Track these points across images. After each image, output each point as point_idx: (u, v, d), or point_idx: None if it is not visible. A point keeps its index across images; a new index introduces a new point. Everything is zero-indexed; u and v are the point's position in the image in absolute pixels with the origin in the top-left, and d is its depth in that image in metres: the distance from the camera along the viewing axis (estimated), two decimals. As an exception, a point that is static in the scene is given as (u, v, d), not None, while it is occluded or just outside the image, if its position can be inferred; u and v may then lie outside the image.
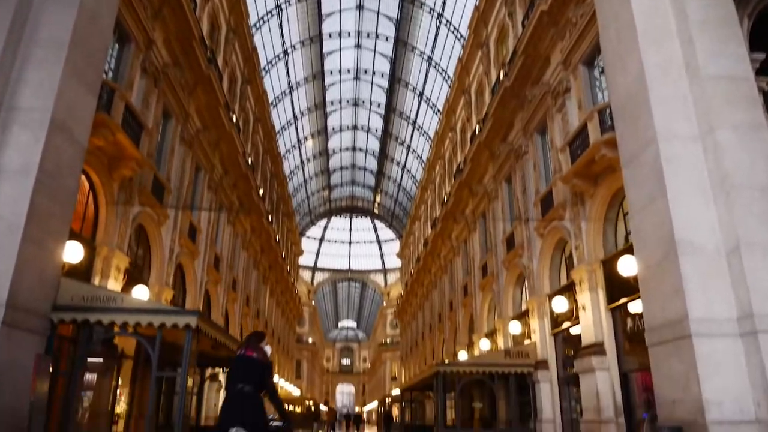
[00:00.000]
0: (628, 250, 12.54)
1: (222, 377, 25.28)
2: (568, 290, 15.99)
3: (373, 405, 74.61)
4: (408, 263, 55.90)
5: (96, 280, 13.46)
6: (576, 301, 15.23)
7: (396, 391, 50.10)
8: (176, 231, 19.11)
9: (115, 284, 13.88)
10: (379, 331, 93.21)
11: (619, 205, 14.52)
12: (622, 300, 13.60)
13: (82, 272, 13.12)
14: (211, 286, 24.30)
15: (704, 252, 9.25)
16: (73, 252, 10.55)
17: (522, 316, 20.22)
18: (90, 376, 15.15)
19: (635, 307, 13.29)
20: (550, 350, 17.79)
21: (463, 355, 26.49)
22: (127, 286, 14.72)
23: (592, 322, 14.34)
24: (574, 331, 16.99)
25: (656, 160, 9.74)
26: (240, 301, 30.06)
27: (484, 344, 22.82)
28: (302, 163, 53.11)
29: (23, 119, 8.71)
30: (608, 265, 14.21)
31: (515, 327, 19.12)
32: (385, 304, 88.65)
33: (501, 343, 21.68)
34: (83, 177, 13.39)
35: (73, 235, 11.99)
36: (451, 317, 32.45)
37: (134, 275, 16.29)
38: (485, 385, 22.73)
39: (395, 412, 51.75)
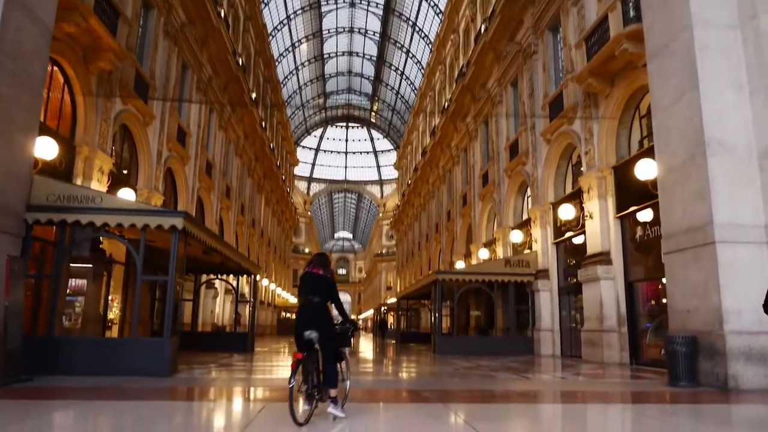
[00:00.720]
0: (645, 154, 11.80)
1: (218, 284, 25.19)
2: (575, 198, 15.35)
3: (369, 313, 76.37)
4: (405, 174, 55.18)
5: (77, 182, 12.69)
6: (583, 209, 14.62)
7: (392, 300, 50.83)
8: (164, 133, 18.14)
9: (98, 187, 13.11)
10: (374, 242, 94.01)
11: (636, 107, 13.60)
12: (632, 208, 12.99)
13: (62, 173, 12.34)
14: (203, 193, 23.62)
15: (735, 152, 8.50)
16: (46, 148, 9.70)
17: (523, 225, 19.73)
18: (80, 282, 14.74)
19: (645, 215, 12.71)
20: (552, 260, 17.41)
21: (460, 265, 26.33)
22: (112, 190, 13.97)
23: (599, 230, 13.79)
24: (577, 240, 16.56)
25: (689, 50, 8.77)
26: (234, 209, 29.50)
27: (482, 254, 22.52)
28: (296, 68, 51.01)
29: (-27, -9, 7.62)
30: (620, 171, 13.50)
31: (516, 236, 18.65)
32: (381, 216, 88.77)
33: (500, 253, 21.34)
34: (57, 69, 12.31)
35: (49, 132, 11.12)
36: (448, 227, 32.13)
37: (120, 179, 15.53)
38: (482, 294, 22.66)
39: (391, 320, 52.82)
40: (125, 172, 16.38)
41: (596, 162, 14.12)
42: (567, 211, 14.70)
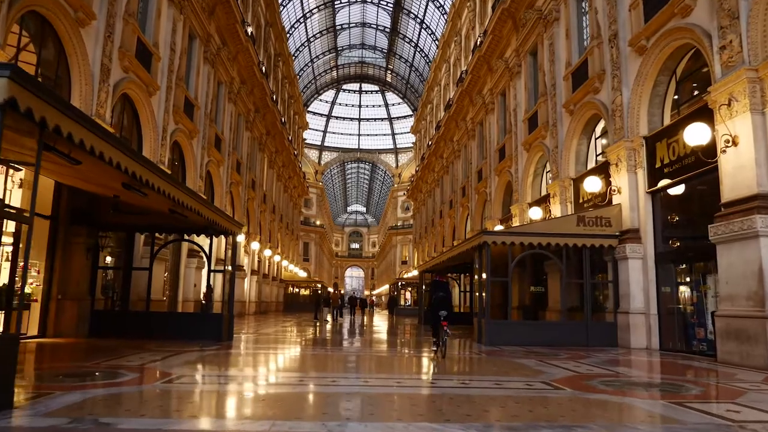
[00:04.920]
0: None
1: (217, 261, 20.55)
2: (700, 117, 10.25)
3: (384, 288, 72.15)
4: (423, 137, 50.13)
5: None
6: (715, 134, 9.65)
7: (411, 273, 46.46)
8: (112, 43, 13.39)
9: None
10: (389, 215, 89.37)
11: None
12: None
13: None
14: (182, 138, 18.90)
15: None
16: None
17: (593, 173, 14.78)
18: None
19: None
20: (645, 216, 12.51)
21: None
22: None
23: (752, 161, 8.84)
24: (675, 191, 11.77)
25: None
26: (228, 164, 24.80)
27: (534, 213, 17.62)
28: (304, 16, 45.65)
29: None
30: (794, 66, 8.54)
31: (593, 184, 13.64)
32: (396, 186, 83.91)
33: (557, 211, 16.51)
34: None
35: None
36: (479, 189, 27.23)
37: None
38: (526, 264, 17.97)
39: (408, 296, 48.37)
40: (44, 77, 11.65)
41: (746, 58, 9.12)
42: (695, 135, 9.55)
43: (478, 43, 26.49)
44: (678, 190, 12.01)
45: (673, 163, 11.46)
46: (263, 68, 30.15)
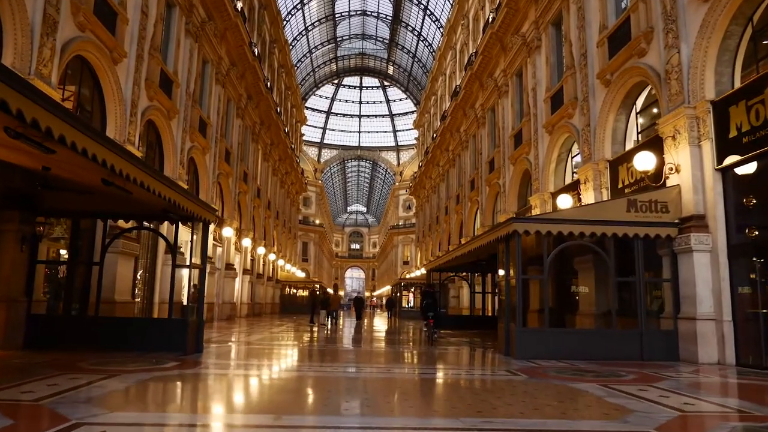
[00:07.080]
0: None
1: (184, 245, 18.10)
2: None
3: (385, 289, 69.83)
4: (427, 131, 47.81)
5: None
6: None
7: (416, 273, 44.20)
8: (61, -9, 11.04)
9: None
10: (390, 214, 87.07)
11: None
12: None
13: None
14: (158, 117, 16.51)
15: None
16: None
17: (639, 151, 12.36)
18: None
19: None
20: (714, 199, 10.14)
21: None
22: None
23: None
24: (750, 168, 9.44)
25: None
26: (215, 152, 22.43)
27: (563, 201, 15.19)
28: (302, 2, 43.15)
29: None
30: None
31: (644, 161, 11.17)
32: (397, 185, 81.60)
33: (590, 198, 14.15)
34: None
35: None
36: (490, 181, 24.88)
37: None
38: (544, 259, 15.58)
39: (411, 297, 46.20)
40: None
41: None
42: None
43: (490, 20, 24.12)
44: (752, 167, 9.69)
45: (756, 129, 9.08)
46: (256, 51, 27.76)
